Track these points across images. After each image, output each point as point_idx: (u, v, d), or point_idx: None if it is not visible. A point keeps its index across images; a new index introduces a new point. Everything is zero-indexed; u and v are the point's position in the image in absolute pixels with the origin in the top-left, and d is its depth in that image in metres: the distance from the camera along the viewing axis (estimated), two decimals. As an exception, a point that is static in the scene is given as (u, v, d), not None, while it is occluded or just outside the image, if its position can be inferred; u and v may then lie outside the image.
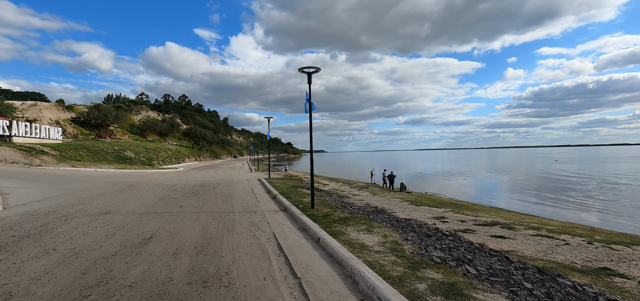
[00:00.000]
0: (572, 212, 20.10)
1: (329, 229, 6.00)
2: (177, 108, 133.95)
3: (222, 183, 17.40)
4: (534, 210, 20.60)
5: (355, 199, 16.48)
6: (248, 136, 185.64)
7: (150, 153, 43.14)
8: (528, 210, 20.34)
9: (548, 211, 20.07)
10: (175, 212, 8.38)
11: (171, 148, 54.81)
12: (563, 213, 19.45)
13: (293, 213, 7.76)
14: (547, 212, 19.72)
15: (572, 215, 19.52)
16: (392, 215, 8.26)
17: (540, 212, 19.50)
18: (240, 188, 14.93)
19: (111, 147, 36.97)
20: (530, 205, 22.73)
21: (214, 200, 10.80)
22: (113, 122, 60.16)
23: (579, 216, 18.73)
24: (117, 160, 32.93)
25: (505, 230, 9.94)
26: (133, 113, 78.72)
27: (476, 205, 19.69)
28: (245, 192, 13.38)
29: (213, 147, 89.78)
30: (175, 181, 18.31)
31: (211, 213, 8.34)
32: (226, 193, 12.77)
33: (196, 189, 14.00)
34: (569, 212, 19.95)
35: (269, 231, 6.29)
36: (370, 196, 21.10)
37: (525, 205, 22.50)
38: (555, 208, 20.98)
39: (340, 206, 9.05)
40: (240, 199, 11.04)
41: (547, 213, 19.56)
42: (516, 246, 7.48)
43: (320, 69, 8.33)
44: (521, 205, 22.61)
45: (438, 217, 12.23)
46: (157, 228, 6.57)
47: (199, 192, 13.08)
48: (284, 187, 14.94)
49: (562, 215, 18.80)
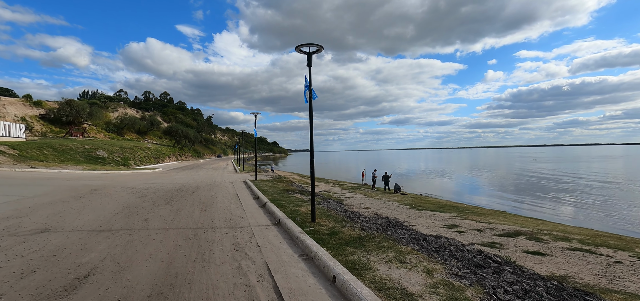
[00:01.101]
0: (568, 211, 19.22)
1: (344, 258, 4.34)
2: (158, 106, 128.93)
3: (203, 186, 15.44)
4: (529, 210, 19.65)
5: (356, 205, 14.88)
6: (233, 135, 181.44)
7: (127, 152, 40.25)
8: (525, 211, 19.35)
9: (547, 213, 19.12)
10: (136, 229, 6.51)
11: (150, 148, 51.76)
12: (563, 214, 18.53)
13: (290, 229, 6.04)
14: (547, 214, 18.78)
15: (569, 213, 18.64)
16: (413, 231, 6.68)
17: (539, 214, 18.53)
18: (223, 193, 13.05)
19: (82, 145, 34.01)
20: (526, 205, 21.79)
21: (189, 209, 8.92)
22: (87, 119, 56.43)
23: (578, 217, 17.82)
24: (87, 160, 30.15)
25: (533, 242, 8.57)
26: (109, 110, 74.59)
27: (477, 208, 18.52)
28: (228, 198, 11.53)
29: (196, 146, 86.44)
30: (149, 184, 16.20)
31: (184, 229, 6.52)
32: (206, 199, 10.89)
33: (171, 194, 12.03)
34: (566, 212, 19.07)
35: (260, 261, 4.57)
36: (366, 199, 19.60)
37: (520, 206, 21.54)
38: (552, 209, 20.06)
39: (347, 218, 7.40)
40: (223, 208, 9.21)
41: (546, 214, 18.62)
42: (567, 268, 6.05)
43: (322, 47, 6.66)
44: (517, 205, 21.65)
45: (450, 225, 10.79)
46: (103, 256, 4.72)
47: (173, 198, 11.14)
48: (273, 191, 13.17)
49: (563, 216, 17.85)
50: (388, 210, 14.67)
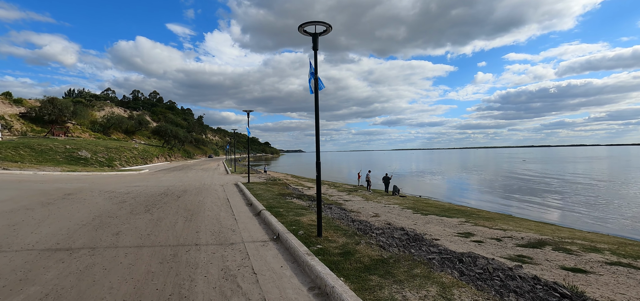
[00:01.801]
0: (573, 214, 18.49)
1: (371, 295, 3.22)
2: (147, 106, 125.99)
3: (191, 190, 14.15)
4: (532, 212, 18.89)
5: (356, 208, 13.76)
6: (224, 135, 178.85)
7: (112, 152, 38.44)
8: (528, 213, 18.57)
9: (552, 216, 18.38)
10: (101, 247, 5.28)
11: (137, 148, 49.86)
12: (569, 217, 17.77)
13: (293, 248, 4.90)
14: (552, 217, 18.04)
15: (574, 216, 17.91)
16: (439, 247, 5.60)
17: (542, 217, 17.78)
18: (213, 197, 11.81)
19: (63, 145, 32.16)
20: (527, 207, 21.04)
21: (172, 219, 7.69)
22: (70, 118, 54.18)
23: (585, 220, 17.07)
24: (68, 161, 28.42)
25: (564, 254, 7.61)
26: (95, 109, 72.16)
27: (482, 212, 17.64)
28: (218, 204, 10.31)
29: (186, 146, 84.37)
30: (131, 187, 14.83)
31: (161, 247, 5.31)
32: (192, 206, 9.65)
33: (153, 200, 10.74)
34: (571, 214, 18.33)
35: (257, 299, 3.42)
36: (365, 202, 18.56)
37: (522, 208, 20.77)
38: (558, 212, 19.33)
39: (357, 230, 6.29)
40: (211, 217, 8.00)
41: (552, 217, 17.88)
42: (627, 292, 5.05)
43: (331, 26, 5.54)
44: (518, 208, 20.87)
45: (463, 234, 9.80)
46: (45, 293, 3.51)
47: (155, 204, 9.86)
48: (268, 195, 11.98)
49: (571, 220, 17.08)
50: (391, 215, 13.65)
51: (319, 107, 5.64)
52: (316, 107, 5.60)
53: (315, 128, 5.64)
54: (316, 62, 5.66)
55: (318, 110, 5.60)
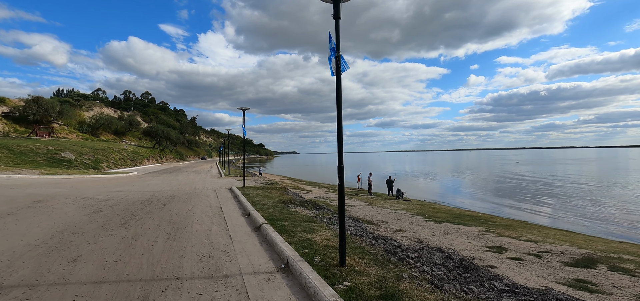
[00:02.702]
0: (589, 220, 17.39)
1: None
2: (139, 106, 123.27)
3: (179, 196, 12.65)
4: (544, 217, 17.78)
5: (363, 214, 12.37)
6: (218, 136, 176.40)
7: (99, 154, 36.57)
8: (539, 219, 17.43)
9: (565, 221, 17.25)
10: (45, 283, 3.82)
11: (127, 149, 47.90)
12: (587, 224, 16.65)
13: (310, 286, 3.51)
14: (566, 223, 16.91)
15: (593, 223, 16.79)
16: (504, 280, 4.24)
17: (555, 223, 16.65)
18: (204, 206, 10.34)
19: (45, 146, 30.25)
20: (535, 210, 19.90)
21: (151, 236, 6.24)
22: (57, 118, 51.97)
23: (608, 228, 15.95)
24: (50, 163, 26.59)
25: (626, 277, 6.34)
26: (84, 109, 69.77)
27: (497, 218, 16.42)
28: (209, 214, 8.85)
29: (178, 147, 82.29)
30: (113, 193, 13.27)
31: (129, 283, 3.89)
32: (179, 217, 8.18)
33: (134, 209, 9.24)
34: (587, 221, 17.22)
35: None
36: (370, 208, 17.23)
37: (532, 212, 19.64)
38: (567, 217, 18.18)
39: (386, 252, 4.92)
40: (200, 233, 6.56)
41: (566, 223, 16.75)
42: None
43: (358, -12, 4.18)
44: (527, 212, 19.73)
45: (493, 248, 8.49)
46: None
47: (135, 214, 8.37)
48: (267, 203, 10.55)
49: (592, 227, 15.95)
50: (402, 223, 12.34)
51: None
52: (338, 92, 4.23)
53: (338, 120, 4.25)
54: (338, 37, 4.31)
55: (340, 97, 4.22)
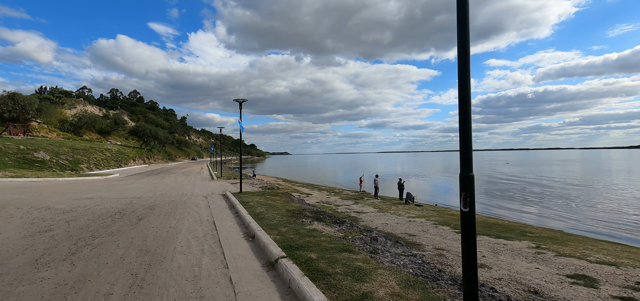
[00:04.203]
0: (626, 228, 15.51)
1: None
2: (127, 105, 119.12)
3: (161, 205, 10.29)
4: (569, 223, 15.95)
5: (377, 224, 10.19)
6: (208, 137, 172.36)
7: (79, 154, 33.65)
8: (561, 225, 15.55)
9: (601, 230, 15.38)
10: None
11: (111, 149, 44.86)
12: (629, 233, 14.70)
13: None
14: (603, 230, 15.05)
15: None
16: None
17: (583, 229, 14.78)
18: (191, 221, 8.03)
19: (16, 145, 27.30)
20: (555, 216, 18.08)
21: (105, 282, 3.95)
22: (36, 116, 48.50)
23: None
24: (20, 164, 23.77)
25: None
26: (66, 107, 66.05)
27: (527, 226, 14.48)
28: (199, 235, 6.56)
29: (167, 147, 79.00)
30: (80, 201, 10.83)
31: None
32: (155, 243, 5.87)
33: (95, 227, 6.89)
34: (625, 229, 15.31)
35: None
36: (382, 214, 15.12)
37: (549, 217, 17.80)
38: (594, 224, 16.32)
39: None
40: (183, 278, 4.29)
41: (603, 231, 14.90)
42: None
43: None
44: (553, 217, 17.89)
45: (573, 276, 6.39)
46: None
47: (93, 237, 6.03)
48: (274, 215, 8.28)
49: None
50: (433, 237, 10.25)
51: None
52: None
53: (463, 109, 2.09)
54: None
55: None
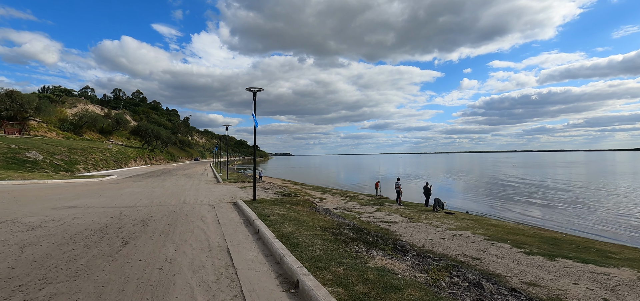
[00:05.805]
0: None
1: None
2: (129, 105, 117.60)
3: (156, 219, 8.17)
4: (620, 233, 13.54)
5: (449, 253, 7.96)
6: (212, 137, 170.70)
7: (76, 154, 31.74)
8: (607, 233, 13.11)
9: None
10: None
11: (111, 149, 42.98)
12: None
13: None
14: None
15: None
16: None
17: None
18: (196, 249, 5.91)
19: (7, 145, 25.40)
20: (593, 225, 15.64)
21: None
22: (34, 114, 46.75)
23: None
24: (8, 165, 21.84)
25: None
26: (66, 105, 64.37)
27: (595, 243, 12.21)
28: (208, 279, 4.39)
29: (170, 148, 77.20)
30: (58, 211, 8.76)
31: None
32: (137, 297, 3.79)
33: (56, 259, 4.74)
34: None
35: None
36: (416, 225, 12.94)
37: (591, 226, 15.34)
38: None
39: None
40: None
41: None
42: None
43: None
44: (583, 225, 15.51)
45: None
46: None
47: (43, 280, 3.88)
48: (313, 241, 6.13)
49: None
50: (501, 262, 8.10)
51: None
52: None
53: None
54: None
55: None
